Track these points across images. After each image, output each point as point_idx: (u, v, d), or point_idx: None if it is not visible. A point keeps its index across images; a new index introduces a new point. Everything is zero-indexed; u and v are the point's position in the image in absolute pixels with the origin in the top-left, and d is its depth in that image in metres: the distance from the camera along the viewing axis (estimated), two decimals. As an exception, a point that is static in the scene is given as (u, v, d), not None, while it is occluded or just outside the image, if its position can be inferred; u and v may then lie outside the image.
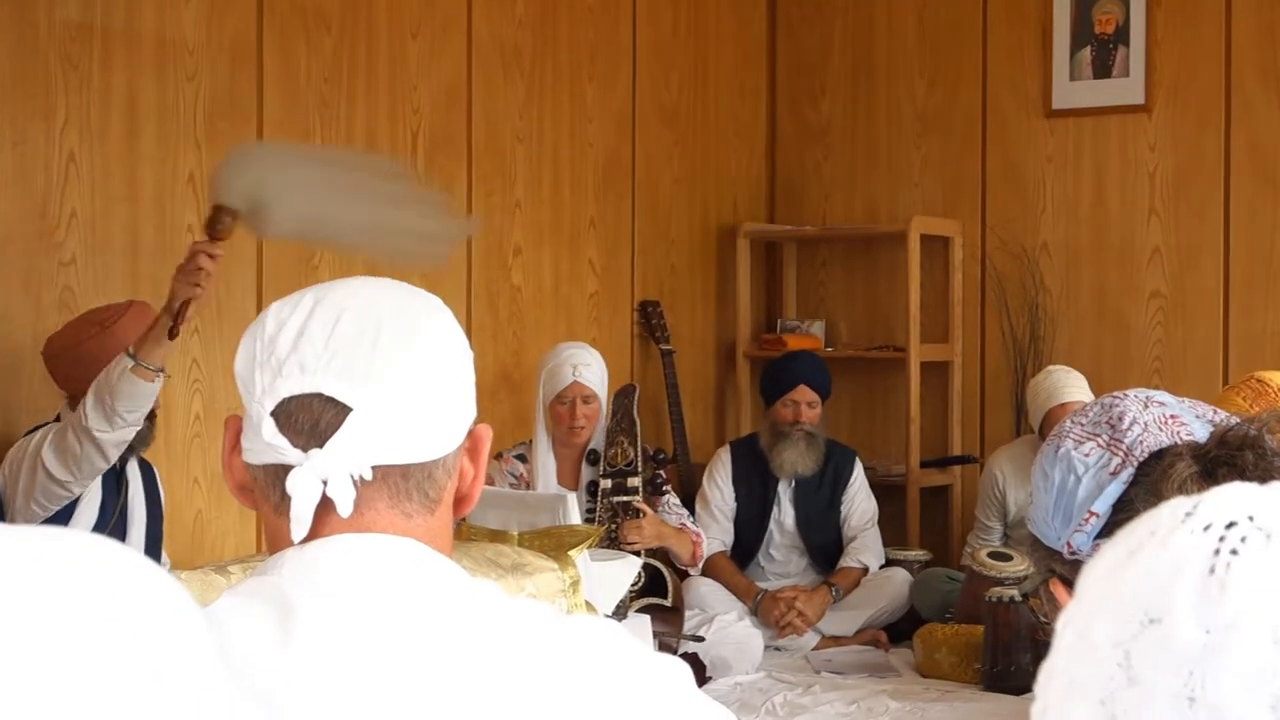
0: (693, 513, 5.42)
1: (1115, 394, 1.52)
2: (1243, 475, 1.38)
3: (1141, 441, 1.45)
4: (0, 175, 4.00)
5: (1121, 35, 5.88)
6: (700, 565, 5.06)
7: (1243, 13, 5.71)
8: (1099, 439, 1.47)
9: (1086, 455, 1.46)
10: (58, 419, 3.69)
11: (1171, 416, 1.47)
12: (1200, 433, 1.46)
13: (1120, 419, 1.47)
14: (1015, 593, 4.67)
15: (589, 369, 4.84)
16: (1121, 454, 1.45)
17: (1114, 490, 1.44)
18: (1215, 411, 1.50)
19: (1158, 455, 1.44)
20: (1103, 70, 5.91)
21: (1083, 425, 1.49)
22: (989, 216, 6.17)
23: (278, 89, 4.65)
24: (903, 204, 6.32)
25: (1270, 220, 5.69)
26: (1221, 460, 1.42)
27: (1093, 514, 1.44)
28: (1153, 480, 1.42)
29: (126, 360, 3.37)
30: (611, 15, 5.84)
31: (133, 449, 3.64)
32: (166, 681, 0.68)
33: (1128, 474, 1.44)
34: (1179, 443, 1.44)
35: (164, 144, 4.35)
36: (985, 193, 6.19)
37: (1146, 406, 1.48)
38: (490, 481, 4.70)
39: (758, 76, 6.57)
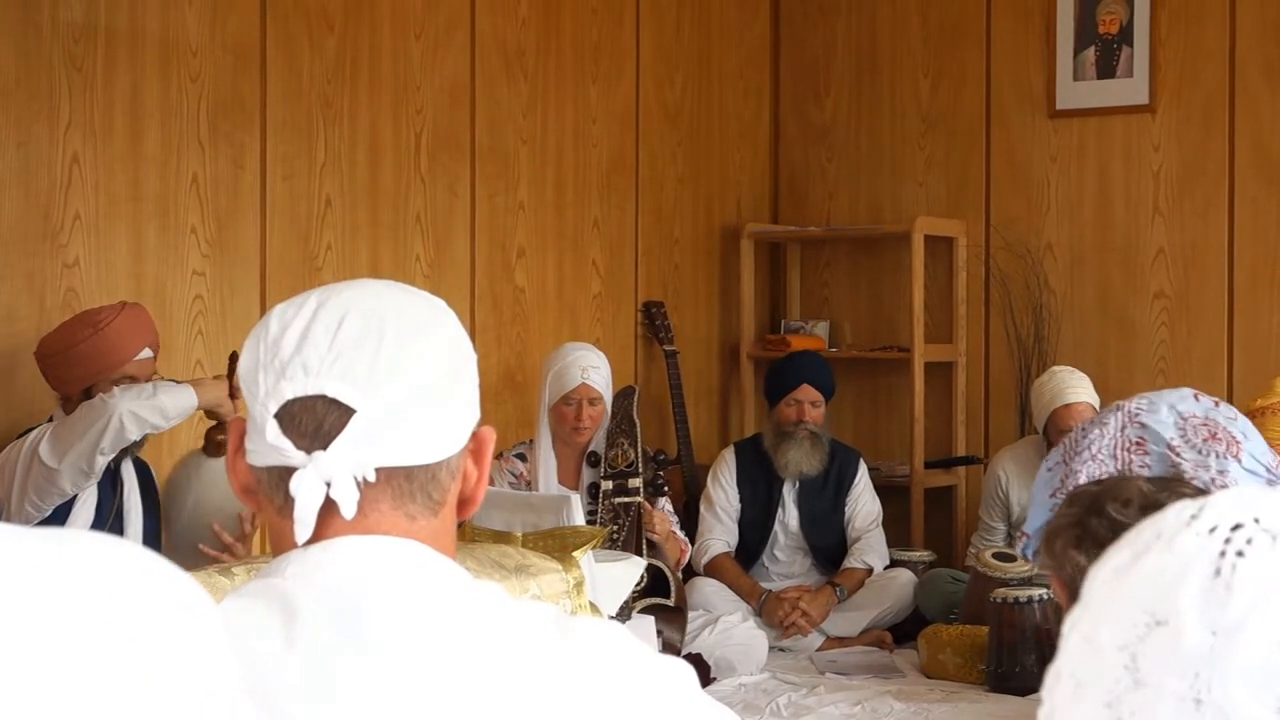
0: (697, 514, 5.42)
1: (1123, 403, 1.51)
2: (1090, 536, 1.36)
3: (1078, 473, 1.43)
4: (4, 176, 4.00)
5: (1125, 35, 5.87)
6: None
7: (1247, 12, 5.70)
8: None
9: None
10: (50, 420, 3.70)
11: (1137, 441, 1.45)
12: (1156, 467, 1.44)
13: (1082, 438, 1.45)
14: (1020, 593, 4.66)
15: (597, 372, 4.82)
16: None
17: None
18: (1214, 439, 1.48)
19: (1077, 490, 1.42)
20: (1107, 70, 5.91)
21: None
22: (993, 216, 6.17)
23: (281, 90, 4.64)
24: (907, 204, 6.32)
25: (1275, 220, 5.68)
26: (1078, 521, 1.40)
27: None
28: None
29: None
30: (614, 15, 5.84)
31: (126, 450, 3.67)
32: (183, 680, 0.68)
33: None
34: (1078, 485, 1.42)
35: (167, 145, 4.35)
36: (989, 193, 6.18)
37: (1125, 428, 1.46)
38: (490, 481, 4.69)
39: (761, 76, 6.57)
